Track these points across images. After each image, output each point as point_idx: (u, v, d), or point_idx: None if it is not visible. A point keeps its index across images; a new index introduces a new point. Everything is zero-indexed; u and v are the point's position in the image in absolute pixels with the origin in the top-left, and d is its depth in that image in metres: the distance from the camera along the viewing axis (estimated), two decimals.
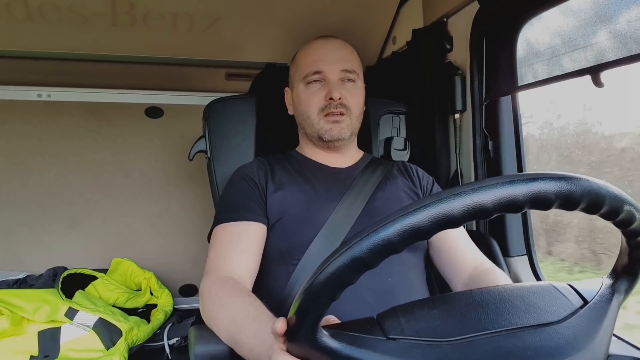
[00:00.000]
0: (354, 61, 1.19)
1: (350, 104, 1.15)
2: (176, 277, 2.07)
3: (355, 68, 1.18)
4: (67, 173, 1.96)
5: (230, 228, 1.04)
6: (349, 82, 1.17)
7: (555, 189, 0.47)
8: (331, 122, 1.14)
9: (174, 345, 1.71)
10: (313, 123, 1.16)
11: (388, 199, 1.14)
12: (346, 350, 0.52)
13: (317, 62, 1.16)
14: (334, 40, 1.21)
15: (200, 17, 1.59)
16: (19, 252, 1.91)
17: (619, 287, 0.64)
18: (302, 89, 1.18)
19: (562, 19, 1.15)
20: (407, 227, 0.46)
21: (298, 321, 0.53)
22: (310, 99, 1.16)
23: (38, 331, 1.53)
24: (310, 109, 1.16)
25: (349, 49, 1.21)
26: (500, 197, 0.46)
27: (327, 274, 0.48)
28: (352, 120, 1.17)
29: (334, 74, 1.15)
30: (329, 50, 1.18)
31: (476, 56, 1.33)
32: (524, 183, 0.47)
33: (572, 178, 0.49)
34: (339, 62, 1.15)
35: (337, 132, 1.15)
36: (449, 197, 0.46)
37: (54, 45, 1.65)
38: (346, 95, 1.15)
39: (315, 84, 1.16)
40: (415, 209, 0.46)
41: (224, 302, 0.87)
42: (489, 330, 0.55)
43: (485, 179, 0.48)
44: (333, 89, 1.13)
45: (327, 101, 1.14)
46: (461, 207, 0.46)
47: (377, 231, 0.47)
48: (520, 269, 1.28)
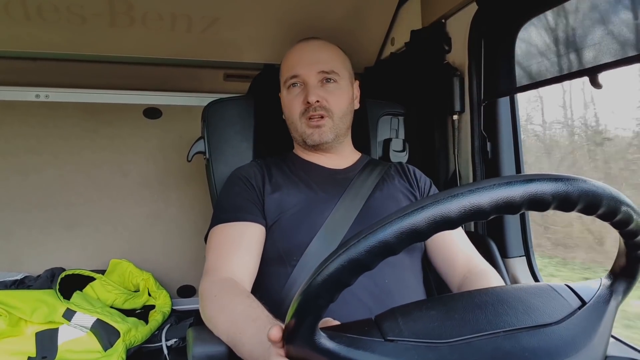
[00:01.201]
0: (333, 61, 1.18)
1: (331, 105, 1.15)
2: (174, 278, 2.07)
3: (335, 68, 1.17)
4: (65, 174, 1.96)
5: (229, 229, 1.04)
6: (328, 82, 1.16)
7: (552, 190, 0.47)
8: (312, 127, 1.14)
9: (172, 346, 1.71)
10: (297, 127, 1.17)
11: (385, 200, 1.14)
12: (344, 352, 0.52)
13: (294, 66, 1.16)
14: (314, 42, 1.20)
15: (199, 18, 1.59)
16: (16, 252, 1.91)
17: (617, 287, 0.64)
18: (285, 94, 1.19)
19: (560, 20, 1.15)
20: (404, 228, 0.46)
21: (296, 323, 0.53)
22: (291, 104, 1.16)
23: (35, 332, 1.53)
24: (292, 114, 1.17)
25: (329, 50, 1.20)
26: (497, 199, 0.46)
27: (325, 276, 0.48)
28: (335, 121, 1.16)
29: (311, 77, 1.14)
30: (306, 52, 1.18)
31: (474, 57, 1.33)
32: (521, 184, 0.47)
33: (569, 179, 0.49)
34: (315, 64, 1.15)
35: (318, 137, 1.14)
36: (446, 198, 0.46)
37: (52, 46, 1.65)
38: (326, 96, 1.14)
39: (295, 88, 1.16)
40: (413, 211, 0.46)
41: (224, 303, 0.87)
42: (487, 332, 0.55)
43: (483, 180, 0.48)
44: (310, 93, 1.13)
45: (305, 105, 1.14)
46: (458, 209, 0.46)
47: (375, 233, 0.47)
48: (518, 270, 1.29)
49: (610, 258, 0.66)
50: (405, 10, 1.66)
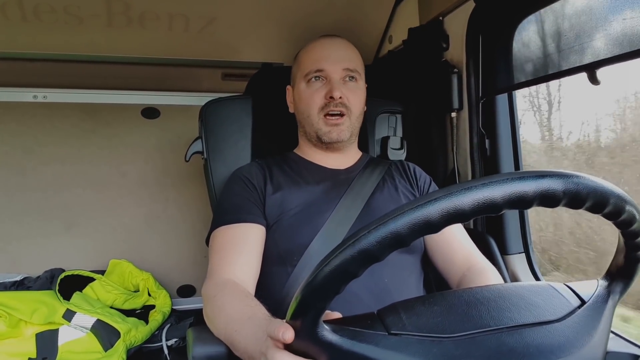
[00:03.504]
0: (356, 61, 1.19)
1: (351, 103, 1.15)
2: (174, 278, 2.07)
3: (357, 68, 1.18)
4: (64, 174, 1.96)
5: (231, 230, 1.04)
6: (350, 81, 1.17)
7: (563, 187, 0.48)
8: (330, 125, 1.14)
9: (172, 346, 1.71)
10: (313, 122, 1.16)
11: (386, 201, 1.14)
12: (347, 345, 0.52)
13: (320, 61, 1.15)
14: (338, 40, 1.21)
15: (196, 18, 1.59)
16: (16, 254, 1.91)
17: (614, 288, 0.64)
18: (304, 87, 1.18)
19: (558, 17, 1.15)
20: (417, 219, 0.46)
21: (300, 314, 0.52)
22: (310, 97, 1.16)
23: (36, 333, 1.53)
24: (310, 108, 1.16)
25: (352, 49, 1.21)
26: (511, 193, 0.46)
27: (334, 266, 0.48)
28: (352, 120, 1.17)
29: (336, 73, 1.15)
30: (332, 49, 1.18)
31: (472, 54, 1.33)
32: (534, 180, 0.47)
33: (579, 177, 0.49)
34: (341, 61, 1.15)
35: (337, 135, 1.15)
36: (460, 191, 0.46)
37: (50, 47, 1.65)
38: (347, 94, 1.14)
39: (317, 82, 1.16)
40: (426, 202, 0.46)
41: (222, 303, 0.87)
42: (490, 327, 0.55)
43: (495, 174, 0.49)
44: (334, 88, 1.13)
45: (327, 100, 1.13)
46: (472, 202, 0.46)
47: (386, 224, 0.47)
48: (517, 267, 1.29)
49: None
50: (402, 8, 1.66)
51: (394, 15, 1.70)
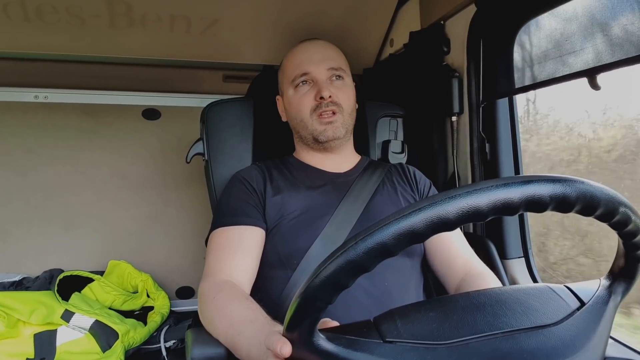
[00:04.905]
0: (339, 59, 1.20)
1: (341, 101, 1.15)
2: (173, 280, 2.06)
3: (342, 66, 1.19)
4: (64, 175, 1.96)
5: (229, 232, 1.04)
6: (337, 79, 1.17)
7: (549, 192, 0.47)
8: (325, 124, 1.14)
9: (170, 348, 1.71)
10: (307, 125, 1.16)
11: (386, 204, 1.14)
12: (343, 353, 0.53)
13: (303, 64, 1.16)
14: (317, 41, 1.22)
15: (198, 19, 1.59)
16: (15, 254, 1.90)
17: (616, 288, 0.64)
18: (292, 93, 1.18)
19: (559, 22, 1.15)
20: (402, 230, 0.46)
21: (295, 324, 0.53)
22: (300, 102, 1.16)
23: (34, 334, 1.52)
24: (302, 112, 1.16)
25: (333, 48, 1.22)
26: (495, 200, 0.46)
27: (323, 277, 0.48)
28: (345, 117, 1.17)
29: (321, 74, 1.15)
30: (314, 50, 1.19)
31: (473, 59, 1.33)
32: (519, 186, 0.47)
33: (567, 180, 0.48)
34: (325, 61, 1.16)
35: (332, 132, 1.15)
36: (444, 200, 0.46)
37: (51, 47, 1.65)
38: (336, 92, 1.15)
39: (304, 86, 1.16)
40: (410, 212, 0.46)
41: (222, 305, 0.87)
42: (485, 333, 0.55)
43: (480, 181, 0.48)
44: (322, 88, 1.13)
45: (317, 101, 1.14)
46: (456, 210, 0.46)
47: (372, 234, 0.47)
48: (517, 271, 1.29)
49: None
50: (404, 12, 1.66)
51: (395, 18, 1.70)
